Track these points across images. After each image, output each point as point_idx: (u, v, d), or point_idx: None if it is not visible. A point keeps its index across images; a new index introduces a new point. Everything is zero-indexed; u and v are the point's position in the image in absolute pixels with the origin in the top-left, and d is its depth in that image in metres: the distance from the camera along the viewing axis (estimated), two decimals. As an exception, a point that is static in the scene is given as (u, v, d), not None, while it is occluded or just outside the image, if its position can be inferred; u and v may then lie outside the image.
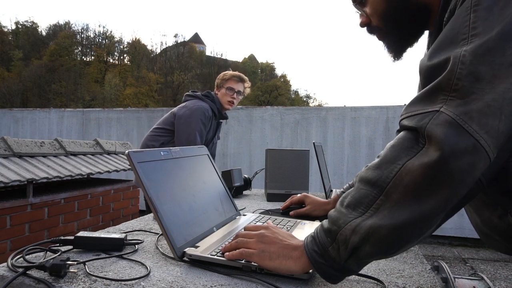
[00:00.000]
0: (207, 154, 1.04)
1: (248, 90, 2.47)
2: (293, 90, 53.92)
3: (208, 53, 59.26)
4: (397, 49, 0.78)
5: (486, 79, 0.49)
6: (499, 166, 0.58)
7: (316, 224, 1.00)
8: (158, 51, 55.94)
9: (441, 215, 0.53)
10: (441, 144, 0.48)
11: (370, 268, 0.72)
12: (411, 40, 0.77)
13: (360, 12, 0.79)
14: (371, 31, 0.79)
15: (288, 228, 0.91)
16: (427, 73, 0.57)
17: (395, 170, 0.52)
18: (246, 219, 0.99)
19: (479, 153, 0.49)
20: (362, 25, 0.79)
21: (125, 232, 0.88)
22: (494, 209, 0.67)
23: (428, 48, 0.76)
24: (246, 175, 1.74)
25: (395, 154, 0.54)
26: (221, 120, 2.48)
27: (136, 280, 0.60)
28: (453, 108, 0.50)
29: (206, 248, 0.72)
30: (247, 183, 1.72)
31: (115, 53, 53.41)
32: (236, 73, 2.40)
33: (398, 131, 1.03)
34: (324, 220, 0.60)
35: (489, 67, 0.49)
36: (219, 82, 2.40)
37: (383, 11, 0.73)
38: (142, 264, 0.68)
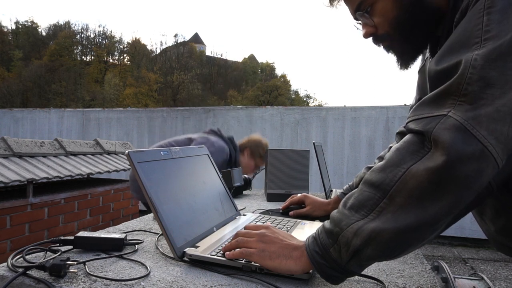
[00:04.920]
0: (207, 154, 1.04)
1: None
2: (293, 90, 53.92)
3: (208, 53, 59.27)
4: (408, 58, 0.74)
5: (497, 84, 0.48)
6: (510, 171, 0.58)
7: (316, 224, 1.00)
8: (158, 51, 56.02)
9: (446, 220, 0.52)
10: (448, 149, 0.47)
11: (370, 268, 0.72)
12: (423, 47, 0.73)
13: (364, 22, 0.73)
14: (378, 41, 0.74)
15: (288, 228, 0.91)
16: (436, 77, 0.55)
17: (399, 173, 0.52)
18: (246, 219, 0.99)
19: (487, 159, 0.48)
20: (366, 35, 0.74)
21: (125, 232, 0.88)
22: (508, 218, 0.65)
23: (431, 50, 0.74)
24: (246, 175, 1.73)
25: (400, 158, 0.53)
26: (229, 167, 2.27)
27: (136, 280, 0.60)
28: (462, 113, 0.49)
29: (206, 248, 0.72)
30: (247, 183, 1.71)
31: (115, 53, 53.47)
32: None
33: (398, 133, 1.02)
34: (326, 221, 0.60)
35: (500, 72, 0.48)
36: (257, 152, 2.23)
37: (394, 17, 0.69)
38: (142, 264, 0.68)
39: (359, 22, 0.75)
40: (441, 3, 0.66)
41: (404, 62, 0.75)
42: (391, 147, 1.03)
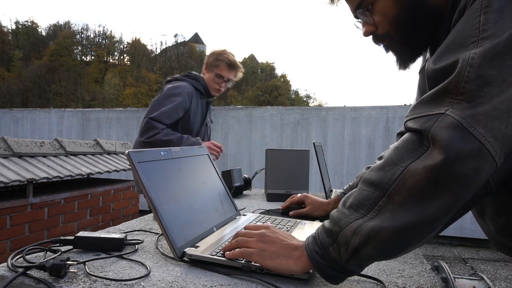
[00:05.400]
0: (207, 154, 1.04)
1: (240, 76, 2.19)
2: (293, 90, 53.86)
3: (208, 53, 59.19)
4: (407, 59, 0.74)
5: (495, 83, 0.48)
6: (509, 169, 0.58)
7: (316, 224, 1.00)
8: (158, 51, 55.98)
9: (444, 219, 0.52)
10: (446, 147, 0.48)
11: (370, 268, 0.72)
12: (422, 48, 0.73)
13: (364, 20, 0.73)
14: (378, 40, 0.74)
15: (288, 228, 0.91)
16: (434, 76, 0.56)
17: (398, 172, 0.52)
18: (246, 219, 0.99)
19: (485, 157, 0.48)
20: (366, 34, 0.73)
21: (125, 232, 0.88)
22: (508, 217, 0.65)
23: (431, 51, 0.74)
24: (246, 175, 1.73)
25: (399, 156, 0.53)
26: (209, 99, 2.17)
27: (136, 280, 0.60)
28: (459, 111, 0.49)
29: (206, 248, 0.72)
30: (247, 183, 1.71)
31: (115, 53, 53.46)
32: (230, 58, 2.08)
33: (399, 134, 1.02)
34: (326, 221, 0.60)
35: (498, 70, 0.48)
36: (210, 62, 2.09)
37: (395, 16, 0.68)
38: (142, 264, 0.68)
39: (359, 20, 0.75)
40: (441, 4, 0.66)
41: (403, 62, 0.75)
42: None
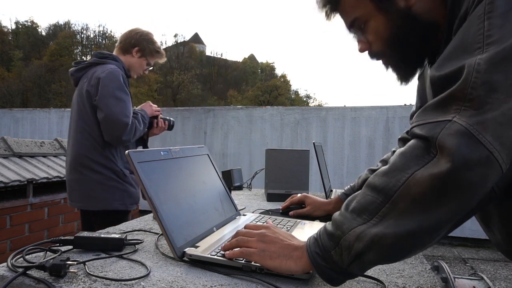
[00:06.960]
0: (207, 154, 1.04)
1: None
2: (293, 90, 53.87)
3: (208, 53, 59.25)
4: (406, 75, 0.74)
5: (502, 88, 0.47)
6: None
7: (316, 224, 1.00)
8: (158, 51, 55.88)
9: (448, 226, 0.52)
10: (453, 155, 0.47)
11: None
12: (420, 62, 0.73)
13: (358, 38, 0.74)
14: (373, 56, 0.74)
15: (288, 228, 0.91)
16: (438, 82, 0.55)
17: (403, 179, 0.51)
18: (246, 219, 0.99)
19: (492, 165, 0.47)
20: (361, 51, 0.74)
21: (125, 232, 0.88)
22: None
23: (430, 59, 0.73)
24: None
25: (404, 162, 0.52)
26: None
27: (136, 280, 0.60)
28: (467, 118, 0.48)
29: (206, 248, 0.72)
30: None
31: (115, 53, 53.37)
32: (163, 52, 2.01)
33: (400, 139, 1.02)
34: (328, 222, 0.60)
35: (505, 76, 0.48)
36: (149, 50, 1.93)
37: (388, 36, 0.68)
38: (142, 264, 0.68)
39: (354, 36, 0.76)
40: (435, 16, 0.65)
41: (403, 78, 0.74)
42: (394, 151, 1.03)
